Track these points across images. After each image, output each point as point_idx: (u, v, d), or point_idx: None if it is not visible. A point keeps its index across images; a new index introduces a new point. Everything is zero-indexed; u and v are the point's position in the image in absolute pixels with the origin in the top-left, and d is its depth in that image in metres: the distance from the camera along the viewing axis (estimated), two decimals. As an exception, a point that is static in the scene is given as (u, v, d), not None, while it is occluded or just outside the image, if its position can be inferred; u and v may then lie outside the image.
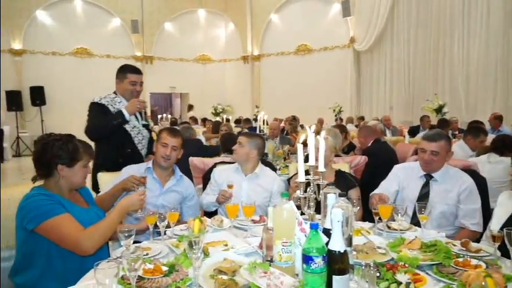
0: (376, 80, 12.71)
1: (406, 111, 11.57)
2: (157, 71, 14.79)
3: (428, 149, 2.50)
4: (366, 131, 4.74)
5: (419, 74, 11.57)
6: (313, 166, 1.75)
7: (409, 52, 11.75)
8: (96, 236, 1.75)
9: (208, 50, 16.07)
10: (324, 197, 1.71)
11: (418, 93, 11.38)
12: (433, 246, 1.74)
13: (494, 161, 3.50)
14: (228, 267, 1.57)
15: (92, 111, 3.06)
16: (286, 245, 1.50)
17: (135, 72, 3.15)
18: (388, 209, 2.02)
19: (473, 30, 10.21)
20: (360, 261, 1.56)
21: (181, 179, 2.68)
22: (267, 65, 15.23)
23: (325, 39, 13.62)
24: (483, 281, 1.16)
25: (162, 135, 2.61)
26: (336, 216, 1.37)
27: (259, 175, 2.85)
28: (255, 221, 2.29)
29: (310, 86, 13.52)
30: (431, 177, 2.54)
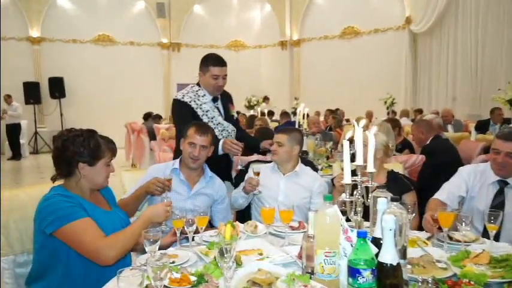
0: (437, 67, 12.28)
1: (473, 104, 11.13)
2: (185, 60, 15.05)
3: (504, 150, 2.40)
4: (423, 126, 4.63)
5: (490, 60, 11.05)
6: (360, 166, 1.73)
7: (477, 34, 11.23)
8: (117, 246, 1.81)
9: (241, 35, 16.17)
10: (373, 202, 1.68)
11: (488, 82, 10.89)
12: (504, 261, 1.68)
13: None
14: (263, 278, 1.57)
15: (176, 110, 3.16)
16: (330, 255, 1.50)
17: (218, 64, 3.14)
18: (450, 216, 1.96)
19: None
20: (416, 277, 1.52)
21: (212, 180, 2.71)
22: (307, 51, 15.12)
23: (376, 19, 13.32)
24: None
25: (189, 133, 2.62)
26: (388, 223, 1.35)
27: (299, 174, 2.88)
28: (293, 228, 2.30)
29: (357, 75, 13.30)
30: (506, 184, 2.43)
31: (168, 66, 15.15)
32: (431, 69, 12.45)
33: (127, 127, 10.21)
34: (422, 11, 12.15)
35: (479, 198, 2.49)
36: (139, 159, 9.01)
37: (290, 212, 2.14)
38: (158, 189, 2.34)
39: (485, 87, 10.90)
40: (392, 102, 11.88)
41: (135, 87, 13.95)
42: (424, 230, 2.24)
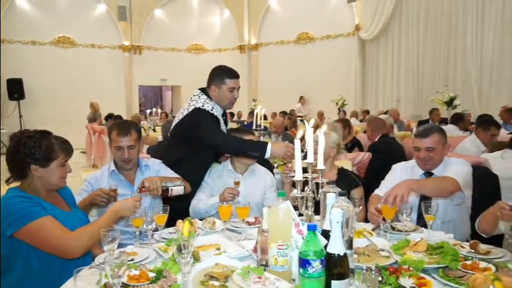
0: (383, 71, 12.72)
1: (415, 105, 11.60)
2: (146, 62, 14.77)
3: (423, 146, 2.49)
4: (374, 125, 4.71)
5: (429, 65, 11.59)
6: (311, 163, 1.76)
7: (418, 41, 11.75)
8: (84, 238, 1.77)
9: (201, 39, 16.03)
10: (323, 197, 1.72)
11: (428, 85, 11.40)
12: (439, 248, 1.76)
13: (509, 158, 3.50)
14: (220, 272, 1.57)
15: (207, 121, 2.79)
16: (282, 248, 1.51)
17: (234, 76, 2.89)
18: (392, 209, 2.03)
19: (487, 18, 10.26)
20: (361, 265, 1.57)
21: (147, 167, 2.61)
22: (265, 54, 15.21)
23: (328, 27, 13.59)
24: (491, 285, 1.17)
25: (113, 137, 2.47)
26: (335, 216, 1.38)
27: (255, 172, 2.89)
28: (249, 223, 2.31)
29: (311, 78, 13.50)
30: (431, 175, 2.54)
31: (130, 69, 14.78)
32: (378, 73, 12.87)
33: (88, 128, 9.89)
34: (369, 19, 12.53)
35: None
36: (101, 159, 8.75)
37: (246, 208, 2.15)
38: (104, 200, 2.24)
39: (426, 89, 11.39)
40: (343, 104, 12.15)
41: (96, 89, 13.50)
42: (369, 221, 2.31)
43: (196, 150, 2.80)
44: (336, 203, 1.56)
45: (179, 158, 2.80)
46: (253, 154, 2.69)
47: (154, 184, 2.25)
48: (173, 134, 2.94)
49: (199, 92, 2.85)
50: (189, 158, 2.81)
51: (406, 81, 12.11)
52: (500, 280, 1.19)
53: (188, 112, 2.78)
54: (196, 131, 2.71)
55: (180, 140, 2.86)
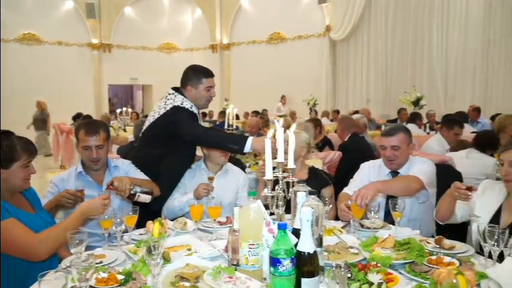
0: (353, 71, 12.96)
1: (384, 104, 11.87)
2: (116, 61, 14.50)
3: (388, 145, 2.55)
4: (345, 124, 4.79)
5: (397, 65, 11.90)
6: (282, 163, 1.77)
7: (386, 42, 12.05)
8: (50, 240, 1.72)
9: (173, 38, 15.88)
10: (293, 196, 1.73)
11: (396, 85, 11.70)
12: (406, 244, 1.80)
13: (473, 157, 3.63)
14: (191, 273, 1.56)
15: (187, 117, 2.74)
16: (253, 247, 1.51)
17: (210, 75, 2.84)
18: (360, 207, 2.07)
19: (452, 20, 10.63)
20: (331, 262, 1.59)
21: (117, 168, 2.56)
22: (237, 54, 15.21)
23: (299, 27, 13.71)
24: (454, 279, 1.21)
25: (80, 137, 2.39)
26: (305, 215, 1.39)
27: (228, 171, 2.89)
28: (221, 223, 2.30)
29: (283, 77, 13.59)
30: (397, 173, 2.59)
31: (99, 67, 14.46)
32: (348, 73, 13.09)
33: (55, 128, 9.60)
34: (340, 20, 12.72)
35: None
36: (69, 160, 8.51)
37: (217, 208, 2.14)
38: (70, 201, 2.18)
39: (394, 89, 11.68)
40: (314, 103, 12.30)
41: (64, 87, 13.14)
42: (340, 219, 2.35)
43: (175, 150, 2.76)
44: (306, 201, 1.57)
45: (156, 157, 2.75)
46: (233, 147, 2.67)
47: (123, 185, 2.21)
48: (147, 133, 2.85)
49: (174, 92, 2.81)
50: (167, 158, 2.76)
51: (375, 81, 12.38)
52: (463, 274, 1.23)
53: (166, 111, 2.72)
54: (176, 129, 2.68)
55: (156, 140, 2.79)
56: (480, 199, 2.15)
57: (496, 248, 1.61)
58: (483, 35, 10.08)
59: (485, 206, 2.10)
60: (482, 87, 10.18)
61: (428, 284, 1.42)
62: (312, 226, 1.42)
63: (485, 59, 10.11)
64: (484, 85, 10.15)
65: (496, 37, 9.91)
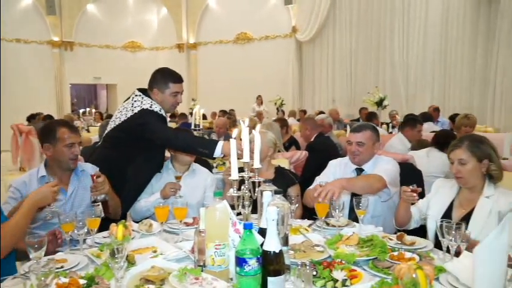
0: (319, 72, 13.15)
1: (349, 104, 12.12)
2: (78, 59, 14.04)
3: (354, 140, 2.65)
4: (308, 124, 4.88)
5: (361, 67, 12.19)
6: (247, 163, 1.77)
7: (351, 44, 12.32)
8: (6, 239, 1.64)
9: (138, 36, 15.54)
10: (260, 195, 1.74)
11: (360, 85, 11.99)
12: (369, 241, 1.85)
13: (433, 156, 3.76)
14: (156, 275, 1.54)
15: (156, 120, 2.67)
16: (220, 247, 1.51)
17: (178, 80, 2.78)
18: (325, 206, 2.11)
19: (412, 24, 11.00)
20: (297, 261, 1.61)
21: (84, 173, 2.48)
22: (204, 54, 15.08)
23: (266, 27, 13.78)
24: (414, 274, 1.25)
25: (63, 135, 2.31)
26: (271, 214, 1.40)
27: (196, 171, 2.87)
28: (188, 224, 2.28)
29: (250, 77, 13.60)
30: (362, 170, 2.68)
31: (60, 66, 13.96)
32: (314, 74, 13.28)
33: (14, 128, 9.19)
34: (305, 22, 12.88)
35: None
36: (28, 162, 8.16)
37: (183, 209, 2.12)
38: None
39: (358, 90, 11.96)
40: (281, 103, 12.39)
41: (23, 86, 12.62)
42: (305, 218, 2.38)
43: (142, 152, 2.71)
44: (271, 201, 1.59)
45: (122, 160, 2.68)
46: (203, 151, 2.63)
47: (102, 187, 2.19)
48: (112, 135, 2.76)
49: (141, 94, 2.73)
50: (135, 161, 2.70)
51: (340, 82, 12.62)
52: (422, 269, 1.27)
53: (134, 113, 2.65)
54: (146, 132, 2.61)
55: (123, 142, 2.71)
56: (433, 198, 2.24)
57: (453, 242, 1.67)
58: (441, 39, 10.48)
59: (438, 204, 2.19)
60: (440, 89, 10.60)
61: (390, 280, 1.46)
62: (277, 225, 1.43)
63: (443, 62, 10.52)
64: (443, 86, 10.57)
65: (453, 41, 10.33)
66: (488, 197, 2.03)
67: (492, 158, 2.04)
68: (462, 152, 2.06)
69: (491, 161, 2.03)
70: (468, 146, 2.06)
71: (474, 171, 2.04)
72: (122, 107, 2.75)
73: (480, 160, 2.03)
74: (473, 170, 2.03)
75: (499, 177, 2.05)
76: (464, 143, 2.08)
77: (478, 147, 2.04)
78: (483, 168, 2.03)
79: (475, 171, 2.04)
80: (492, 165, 2.03)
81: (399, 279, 1.31)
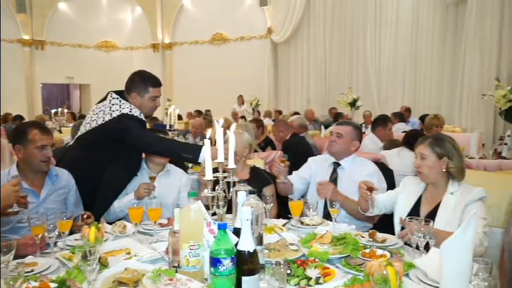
0: (294, 73, 13.27)
1: (323, 105, 12.26)
2: (50, 59, 13.69)
3: (335, 131, 2.83)
4: (281, 125, 5.00)
5: (336, 68, 12.37)
6: (222, 163, 1.77)
7: (325, 45, 12.47)
8: None
9: (112, 36, 15.26)
10: (234, 195, 1.73)
11: (335, 86, 12.15)
12: (342, 239, 1.87)
13: (403, 155, 3.84)
14: (130, 277, 1.51)
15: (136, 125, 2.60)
16: (194, 248, 1.50)
17: (158, 85, 2.72)
18: (299, 205, 2.12)
19: (384, 26, 11.25)
20: (271, 260, 1.61)
21: (58, 178, 2.43)
22: (179, 54, 14.96)
23: (241, 28, 13.79)
24: (384, 270, 1.28)
25: (34, 137, 2.25)
26: (245, 214, 1.40)
27: (171, 172, 2.85)
28: (162, 225, 2.25)
29: (226, 78, 13.58)
30: (339, 165, 2.79)
31: (31, 65, 13.56)
32: (290, 75, 13.39)
33: (-18, 129, 8.88)
34: (281, 23, 12.97)
35: (321, 177, 2.80)
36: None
37: (158, 210, 2.10)
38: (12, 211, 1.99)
39: (333, 91, 12.11)
40: (257, 104, 12.42)
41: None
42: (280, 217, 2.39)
43: (119, 157, 2.64)
44: (246, 201, 1.59)
45: (97, 164, 2.61)
46: (187, 157, 2.58)
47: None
48: (87, 138, 2.67)
49: (118, 96, 2.65)
50: (111, 165, 2.64)
51: (315, 82, 12.76)
52: (392, 265, 1.30)
53: (112, 117, 2.58)
54: (127, 137, 2.55)
55: (99, 145, 2.63)
56: (401, 194, 2.30)
57: (422, 239, 1.71)
58: (411, 41, 10.74)
59: (406, 200, 2.26)
60: (411, 90, 10.86)
61: (362, 276, 1.48)
62: (252, 225, 1.43)
63: (414, 64, 10.78)
64: (413, 88, 10.83)
65: (422, 44, 10.59)
66: (452, 193, 2.10)
67: (452, 157, 2.10)
68: (424, 148, 2.14)
69: (451, 159, 2.10)
70: (430, 142, 2.14)
71: (433, 166, 2.11)
72: (98, 109, 2.67)
73: (440, 157, 2.10)
74: (433, 165, 2.11)
75: (457, 176, 2.11)
76: (427, 140, 2.17)
77: (439, 145, 2.12)
78: (443, 166, 2.10)
79: (434, 167, 2.11)
80: (451, 163, 2.09)
81: (370, 276, 1.33)
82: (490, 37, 8.23)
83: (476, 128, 7.95)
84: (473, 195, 2.02)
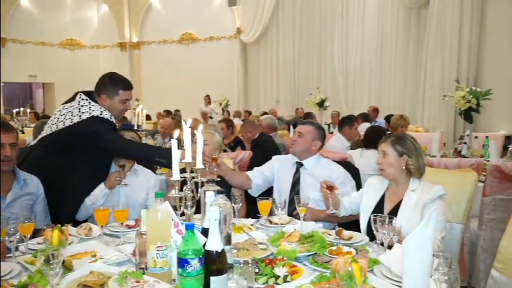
0: (263, 73, 13.33)
1: (292, 105, 12.37)
2: (11, 56, 13.10)
3: (297, 131, 2.85)
4: (249, 126, 5.09)
5: (304, 69, 12.53)
6: (189, 163, 1.75)
7: (293, 46, 12.62)
8: None
9: (77, 33, 14.83)
10: (203, 195, 1.72)
11: (303, 87, 12.30)
12: (310, 237, 1.90)
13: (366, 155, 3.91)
14: (95, 280, 1.48)
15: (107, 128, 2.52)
16: (162, 249, 1.48)
17: (129, 87, 2.64)
18: (267, 204, 2.14)
19: (350, 28, 11.48)
20: (239, 259, 1.62)
21: (26, 183, 2.34)
22: (147, 53, 14.73)
23: (211, 28, 13.73)
24: (349, 267, 1.30)
25: None
26: (213, 214, 1.40)
27: (138, 172, 2.81)
28: (130, 226, 2.21)
29: (195, 78, 13.47)
30: (301, 165, 2.80)
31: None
32: (259, 75, 13.44)
33: None
34: (250, 24, 13.01)
35: (284, 177, 2.84)
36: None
37: (124, 211, 2.05)
38: None
39: (301, 91, 12.26)
40: (227, 104, 12.38)
41: None
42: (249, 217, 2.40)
43: (87, 160, 2.54)
44: (214, 201, 1.58)
45: (63, 166, 2.51)
46: (160, 161, 2.51)
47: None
48: (52, 140, 2.57)
49: (87, 98, 2.56)
50: (78, 168, 2.54)
51: (284, 83, 12.87)
52: (357, 262, 1.33)
53: (81, 119, 2.49)
54: (98, 141, 2.47)
55: (65, 148, 2.53)
56: (365, 194, 2.36)
57: (386, 236, 1.76)
58: (377, 44, 10.98)
59: (370, 198, 2.31)
60: (377, 91, 11.12)
61: (329, 273, 1.51)
62: (220, 225, 1.43)
63: (379, 65, 11.02)
64: (379, 89, 11.10)
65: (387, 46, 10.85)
66: (413, 190, 2.17)
67: (411, 155, 2.18)
68: (386, 146, 2.23)
69: (410, 157, 2.18)
70: (392, 141, 2.22)
71: (394, 164, 2.19)
72: (66, 110, 2.57)
73: (400, 155, 2.18)
74: (393, 162, 2.19)
75: (415, 173, 2.19)
76: (390, 138, 2.26)
77: (400, 144, 2.20)
78: (402, 163, 2.18)
79: (394, 164, 2.19)
80: (410, 160, 2.17)
81: (336, 273, 1.36)
82: (450, 40, 8.52)
83: (438, 128, 8.23)
84: (432, 193, 2.10)
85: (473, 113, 4.78)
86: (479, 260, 3.15)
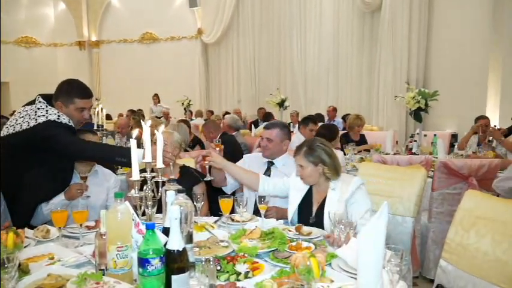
0: (225, 73, 13.32)
1: (253, 105, 12.43)
2: (-39, 54, 12.37)
3: (265, 136, 2.90)
4: (210, 126, 5.07)
5: (264, 69, 12.63)
6: (149, 163, 1.72)
7: (254, 47, 12.71)
8: None
9: (33, 31, 14.18)
10: (164, 195, 1.70)
11: (264, 87, 12.40)
12: (270, 234, 1.91)
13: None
14: (53, 283, 1.42)
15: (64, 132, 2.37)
16: (122, 249, 1.44)
17: (86, 96, 2.49)
18: (229, 202, 2.13)
19: (308, 31, 11.72)
20: (201, 257, 1.61)
21: None
22: (107, 52, 14.34)
23: (172, 28, 13.57)
24: (308, 261, 1.33)
25: None
26: (173, 213, 1.38)
27: (98, 172, 2.74)
28: (89, 227, 2.14)
29: (157, 78, 13.26)
30: (272, 164, 2.90)
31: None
32: (221, 75, 13.42)
33: None
34: (211, 25, 12.97)
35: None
36: None
37: (83, 212, 1.99)
38: None
39: (262, 91, 12.35)
40: (188, 104, 12.25)
41: None
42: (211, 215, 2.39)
43: (44, 163, 2.43)
44: (175, 200, 1.56)
45: (18, 170, 2.39)
46: (121, 160, 2.40)
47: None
48: (8, 142, 2.43)
49: (45, 102, 2.44)
50: (34, 172, 2.42)
51: (245, 83, 12.92)
52: (315, 257, 1.35)
53: (37, 124, 2.36)
54: (54, 145, 2.34)
55: (20, 151, 2.41)
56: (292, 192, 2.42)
57: (342, 230, 1.80)
58: (333, 46, 11.23)
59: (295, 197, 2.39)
60: (334, 91, 11.38)
61: (288, 269, 1.53)
62: (181, 224, 1.42)
63: (336, 67, 11.30)
64: (336, 89, 11.36)
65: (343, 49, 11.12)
66: (333, 189, 2.25)
67: (325, 162, 2.24)
68: (300, 159, 2.27)
69: (325, 165, 2.24)
70: (305, 153, 2.25)
71: (312, 174, 2.25)
72: (25, 113, 2.44)
73: (315, 164, 2.24)
74: (311, 173, 2.25)
75: (332, 177, 2.26)
76: (302, 150, 2.27)
77: (312, 155, 2.24)
78: (320, 170, 2.24)
79: (313, 174, 2.25)
80: (325, 168, 2.24)
81: (296, 268, 1.37)
82: (401, 44, 8.86)
83: (391, 127, 8.52)
84: (352, 185, 2.19)
85: (422, 112, 4.99)
86: (429, 251, 3.30)
